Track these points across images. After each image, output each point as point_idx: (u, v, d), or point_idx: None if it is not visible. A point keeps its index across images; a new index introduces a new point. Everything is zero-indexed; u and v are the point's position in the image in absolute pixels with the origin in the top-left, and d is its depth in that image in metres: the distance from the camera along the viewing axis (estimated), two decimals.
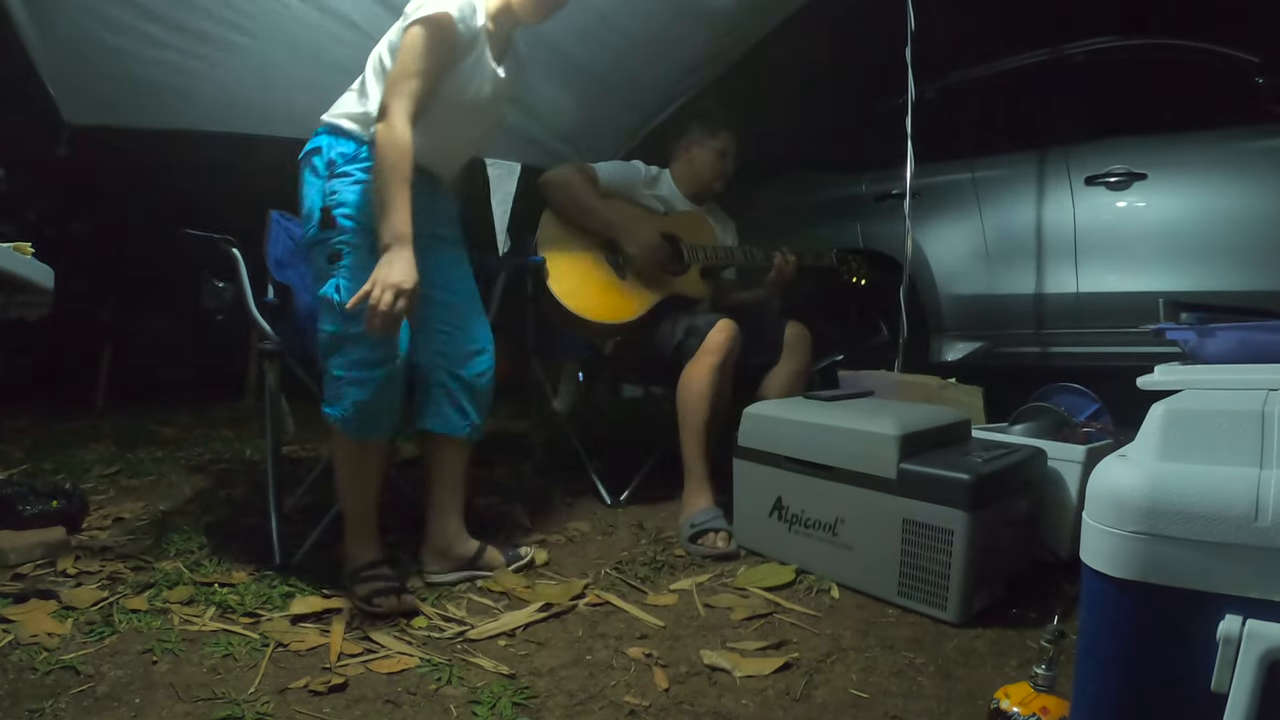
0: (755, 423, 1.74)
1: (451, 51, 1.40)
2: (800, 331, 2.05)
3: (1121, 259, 2.48)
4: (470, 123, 1.57)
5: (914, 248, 2.58)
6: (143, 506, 2.08)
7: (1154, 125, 2.51)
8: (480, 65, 1.47)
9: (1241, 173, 2.31)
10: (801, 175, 3.52)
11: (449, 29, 1.37)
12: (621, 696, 1.15)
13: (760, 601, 1.48)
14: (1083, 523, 0.75)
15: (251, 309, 1.66)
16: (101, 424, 3.24)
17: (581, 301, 2.00)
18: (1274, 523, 0.64)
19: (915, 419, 1.56)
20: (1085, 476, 1.39)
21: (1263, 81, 2.30)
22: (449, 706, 1.12)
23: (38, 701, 1.10)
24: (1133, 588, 0.70)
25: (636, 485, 2.18)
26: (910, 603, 1.43)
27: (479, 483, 2.39)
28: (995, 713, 0.97)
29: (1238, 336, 1.04)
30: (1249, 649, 0.65)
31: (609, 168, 2.15)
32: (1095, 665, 0.75)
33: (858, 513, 1.52)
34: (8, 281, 1.25)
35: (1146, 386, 0.99)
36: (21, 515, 1.73)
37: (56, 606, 1.41)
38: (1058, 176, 2.60)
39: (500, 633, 1.35)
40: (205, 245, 1.68)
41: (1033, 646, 1.26)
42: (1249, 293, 2.19)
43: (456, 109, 1.48)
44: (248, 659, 1.25)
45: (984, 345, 2.77)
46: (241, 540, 1.76)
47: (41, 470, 2.42)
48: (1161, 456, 0.72)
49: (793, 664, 1.24)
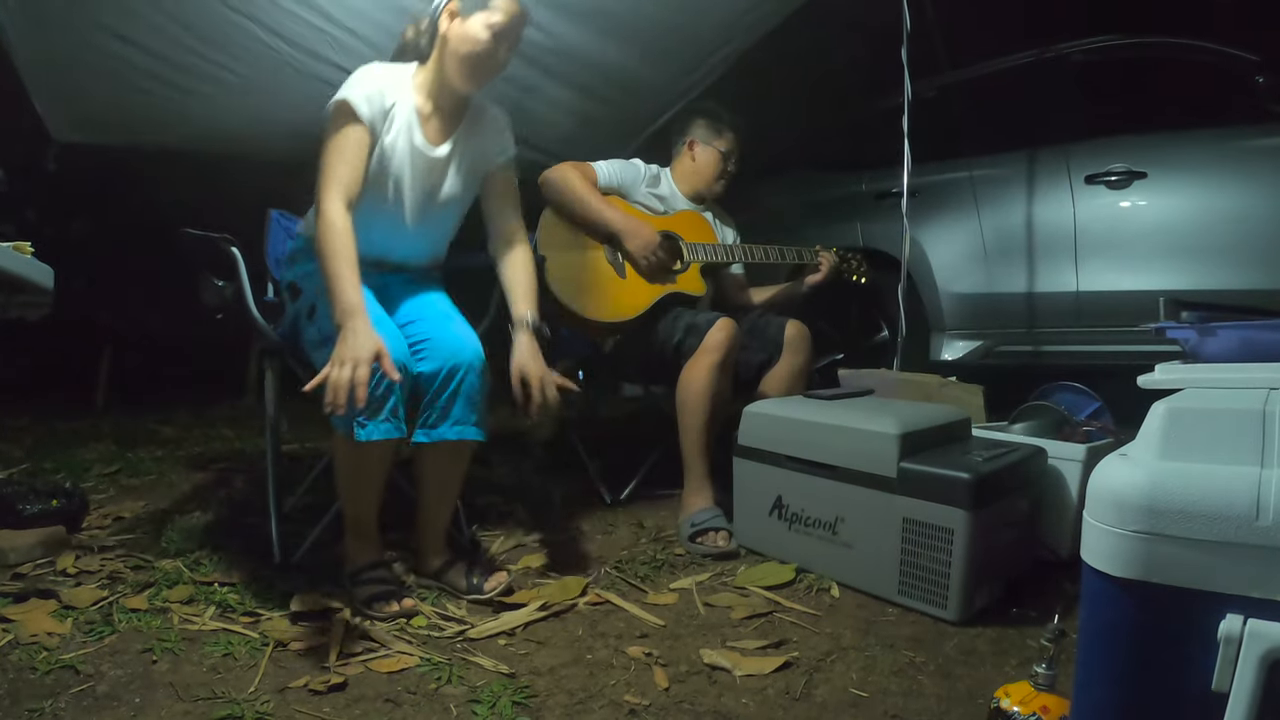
0: (755, 421, 1.74)
1: (363, 135, 1.43)
2: (800, 330, 2.05)
3: (1121, 258, 2.48)
4: (411, 203, 1.55)
5: (914, 246, 2.59)
6: (143, 506, 2.08)
7: (1154, 124, 2.51)
8: (400, 144, 1.49)
9: (1241, 172, 2.31)
10: (801, 174, 3.52)
11: (348, 114, 1.42)
12: (621, 695, 1.15)
13: (760, 600, 1.49)
14: (1083, 522, 0.75)
15: (251, 308, 1.65)
16: (101, 423, 3.23)
17: (581, 300, 2.00)
18: (1275, 522, 0.64)
19: (915, 418, 1.56)
20: (1086, 475, 1.40)
21: (1263, 80, 2.30)
22: (449, 706, 1.12)
23: (38, 701, 1.10)
24: (1133, 587, 0.70)
25: (636, 484, 2.18)
26: (910, 602, 1.43)
27: (479, 483, 2.40)
28: (995, 712, 0.97)
29: (1239, 335, 1.04)
30: (1250, 649, 0.65)
31: (608, 166, 2.15)
32: (1095, 665, 0.75)
33: (858, 511, 1.51)
34: (8, 281, 1.25)
35: (1147, 385, 0.99)
36: (21, 515, 1.73)
37: (56, 606, 1.41)
38: (1057, 175, 2.61)
39: (500, 632, 1.35)
40: (205, 244, 1.66)
41: (1033, 646, 1.26)
42: (1250, 291, 2.20)
43: (381, 190, 1.50)
44: (248, 658, 1.25)
45: (984, 344, 2.77)
46: (241, 539, 1.76)
47: (41, 470, 2.42)
48: (1162, 455, 0.72)
49: (793, 663, 1.24)
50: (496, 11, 1.45)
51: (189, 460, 2.66)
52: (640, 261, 2.01)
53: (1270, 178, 2.25)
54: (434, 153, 1.54)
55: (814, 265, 2.25)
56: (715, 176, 2.22)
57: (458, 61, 1.47)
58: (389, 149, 1.49)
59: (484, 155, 1.61)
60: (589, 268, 2.03)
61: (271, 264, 1.90)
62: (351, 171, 1.41)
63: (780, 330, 2.03)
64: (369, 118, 1.43)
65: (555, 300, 1.99)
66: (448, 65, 1.49)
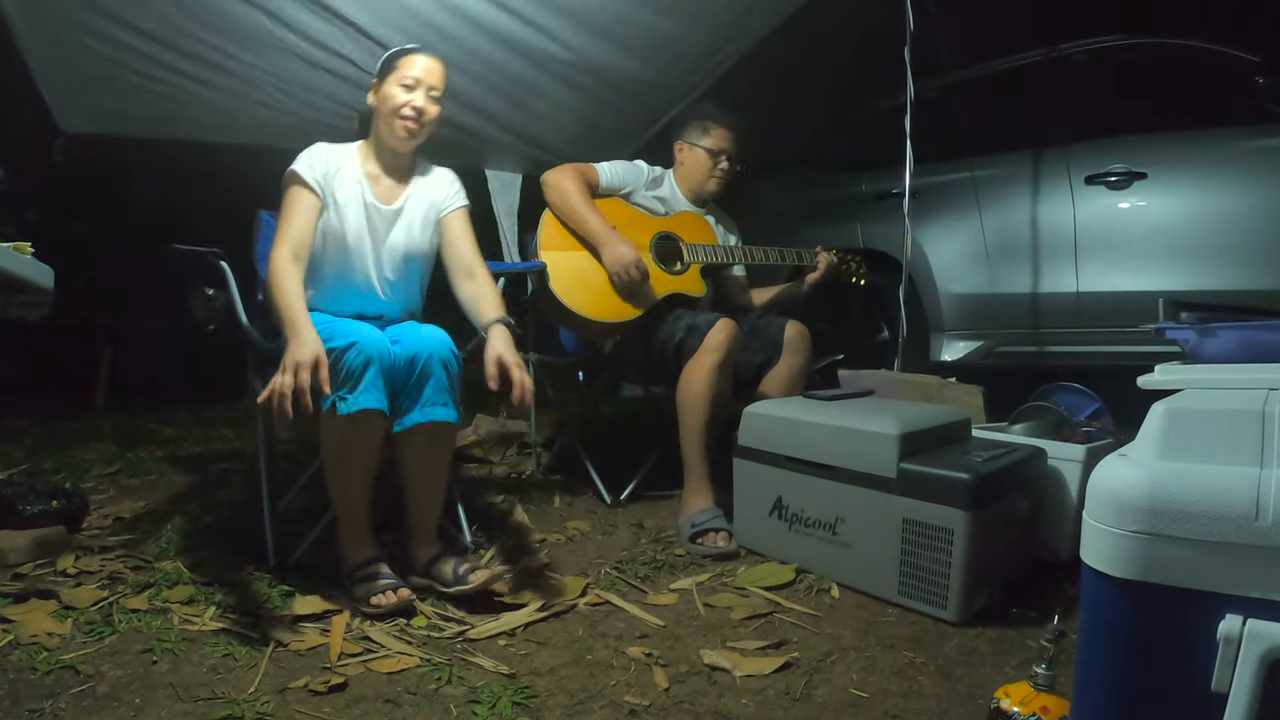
0: (755, 422, 1.74)
1: (310, 198, 1.61)
2: (800, 330, 2.05)
3: (1122, 258, 2.48)
4: (374, 257, 1.69)
5: (914, 247, 2.59)
6: (143, 506, 2.08)
7: (1154, 124, 2.51)
8: (353, 203, 1.65)
9: (1241, 172, 2.31)
10: (801, 174, 3.52)
11: (296, 180, 1.62)
12: (621, 696, 1.15)
13: (760, 601, 1.49)
14: (1083, 522, 0.75)
15: (242, 320, 1.65)
16: (101, 424, 3.24)
17: (582, 300, 2.00)
18: (1274, 522, 0.64)
19: (915, 418, 1.56)
20: (1085, 476, 1.39)
21: (1262, 81, 2.30)
22: (449, 706, 1.12)
23: (38, 701, 1.10)
24: (1133, 587, 0.70)
25: (636, 485, 2.18)
26: (910, 602, 1.43)
27: (479, 482, 2.40)
28: (995, 712, 0.97)
29: (1238, 336, 1.04)
30: (1249, 649, 0.65)
31: (611, 168, 2.15)
32: (1095, 665, 0.75)
33: (858, 512, 1.51)
34: (8, 281, 1.24)
35: (1147, 386, 0.99)
36: (21, 515, 1.73)
37: (56, 606, 1.41)
38: (1058, 176, 2.60)
39: (500, 632, 1.35)
40: (193, 259, 1.66)
41: (1033, 646, 1.26)
42: (1249, 292, 2.19)
43: (344, 248, 1.66)
44: (248, 659, 1.25)
45: (984, 344, 2.77)
46: (241, 540, 1.76)
47: (41, 470, 2.42)
48: (1162, 456, 0.72)
49: (793, 663, 1.24)
50: (407, 67, 1.64)
51: (189, 460, 2.66)
52: (612, 277, 2.00)
53: (1270, 178, 2.25)
54: (387, 208, 1.69)
55: (813, 265, 2.26)
56: (706, 175, 2.22)
57: (386, 123, 1.65)
58: (343, 206, 1.64)
59: (435, 206, 1.75)
60: (589, 268, 2.03)
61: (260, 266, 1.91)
62: (299, 228, 1.59)
63: (780, 331, 2.03)
64: (314, 180, 1.61)
65: (555, 300, 2.00)
66: (382, 130, 1.67)
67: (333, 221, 1.64)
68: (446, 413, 1.52)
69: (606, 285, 2.03)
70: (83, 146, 2.37)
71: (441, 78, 1.67)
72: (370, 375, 1.41)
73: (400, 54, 1.66)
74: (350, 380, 1.40)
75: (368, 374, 1.41)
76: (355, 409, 1.39)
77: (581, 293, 2.01)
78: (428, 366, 1.50)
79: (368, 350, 1.41)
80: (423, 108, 1.64)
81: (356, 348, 1.41)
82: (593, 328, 2.06)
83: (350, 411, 1.39)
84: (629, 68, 2.51)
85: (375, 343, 1.44)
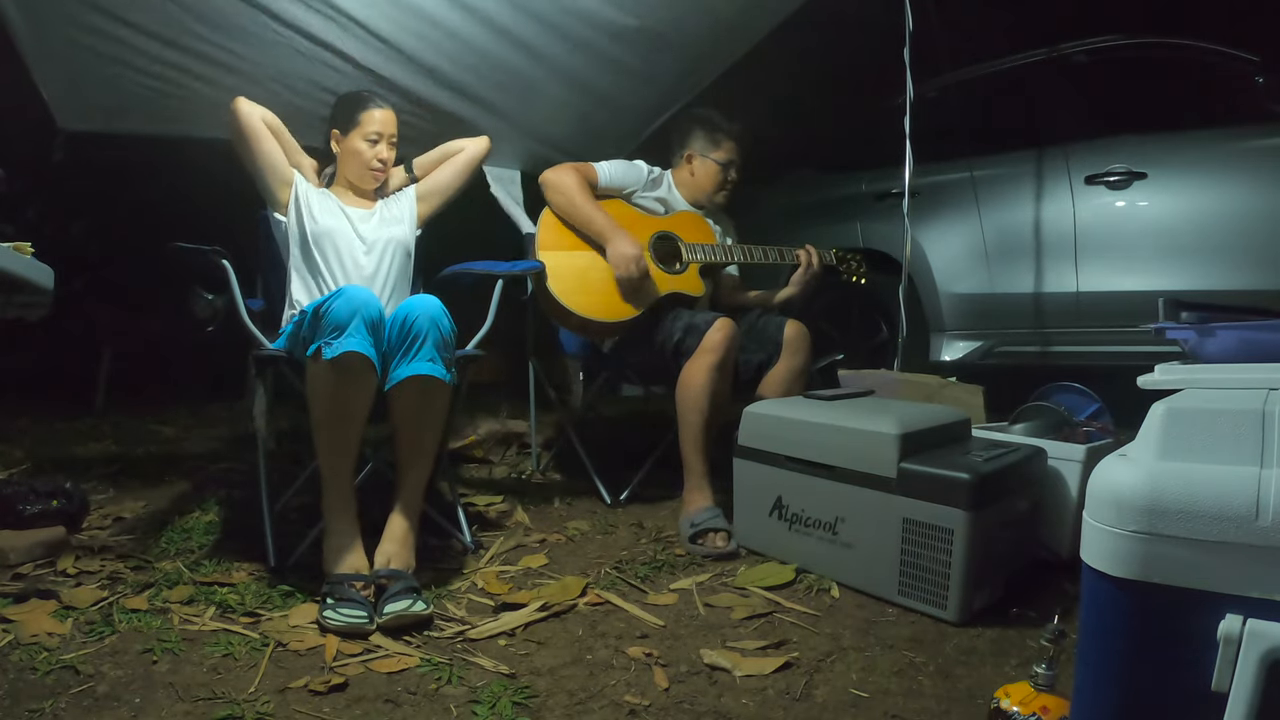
0: (755, 422, 1.74)
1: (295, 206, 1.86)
2: (800, 330, 2.04)
3: (1122, 258, 2.48)
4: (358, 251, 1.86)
5: (914, 247, 2.59)
6: (143, 506, 2.07)
7: (1154, 124, 2.51)
8: (329, 204, 1.87)
9: (1241, 172, 2.31)
10: (801, 175, 3.52)
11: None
12: (621, 696, 1.15)
13: (760, 601, 1.49)
14: (1083, 522, 0.75)
15: (245, 318, 1.64)
16: (101, 424, 3.24)
17: (581, 300, 2.00)
18: (1274, 522, 0.64)
19: (915, 418, 1.56)
20: (1085, 476, 1.39)
21: (1263, 81, 2.30)
22: (449, 706, 1.12)
23: (38, 701, 1.10)
24: (1133, 587, 0.70)
25: (636, 485, 2.18)
26: (910, 602, 1.43)
27: (479, 483, 2.40)
28: (995, 712, 0.97)
29: (1238, 336, 1.04)
30: (1249, 648, 0.65)
31: (610, 167, 2.15)
32: (1095, 665, 0.75)
33: (858, 512, 1.51)
34: (8, 281, 1.24)
35: (1147, 386, 0.99)
36: (22, 515, 1.73)
37: (56, 606, 1.40)
38: (1057, 175, 2.61)
39: (500, 632, 1.35)
40: (196, 257, 1.64)
41: (1033, 646, 1.26)
42: (1249, 292, 2.20)
43: (332, 247, 1.83)
44: (248, 659, 1.25)
45: (984, 344, 2.77)
46: (241, 540, 1.76)
47: (41, 470, 2.42)
48: (1162, 456, 0.72)
49: (793, 663, 1.24)
50: (369, 123, 1.88)
51: (189, 460, 2.66)
52: (617, 273, 1.99)
53: (1270, 178, 2.25)
54: (358, 210, 1.91)
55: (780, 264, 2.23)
56: (715, 188, 2.22)
57: (355, 173, 1.92)
58: (320, 214, 1.84)
59: (403, 198, 2.02)
60: (588, 268, 2.03)
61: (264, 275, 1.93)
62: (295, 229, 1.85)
63: (780, 330, 2.03)
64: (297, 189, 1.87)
65: (554, 300, 2.00)
66: (350, 175, 1.94)
67: (316, 225, 1.82)
68: (435, 368, 1.49)
69: (606, 285, 2.02)
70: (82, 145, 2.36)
71: (395, 124, 1.92)
72: (355, 323, 1.43)
73: (359, 108, 1.89)
74: (336, 328, 1.42)
75: (353, 322, 1.43)
76: (339, 352, 1.40)
77: (580, 292, 2.01)
78: (418, 325, 1.50)
79: (354, 301, 1.44)
80: (387, 159, 1.92)
81: (344, 297, 1.44)
82: (592, 327, 2.06)
83: (334, 355, 1.39)
84: (629, 66, 2.51)
85: (362, 295, 1.46)
